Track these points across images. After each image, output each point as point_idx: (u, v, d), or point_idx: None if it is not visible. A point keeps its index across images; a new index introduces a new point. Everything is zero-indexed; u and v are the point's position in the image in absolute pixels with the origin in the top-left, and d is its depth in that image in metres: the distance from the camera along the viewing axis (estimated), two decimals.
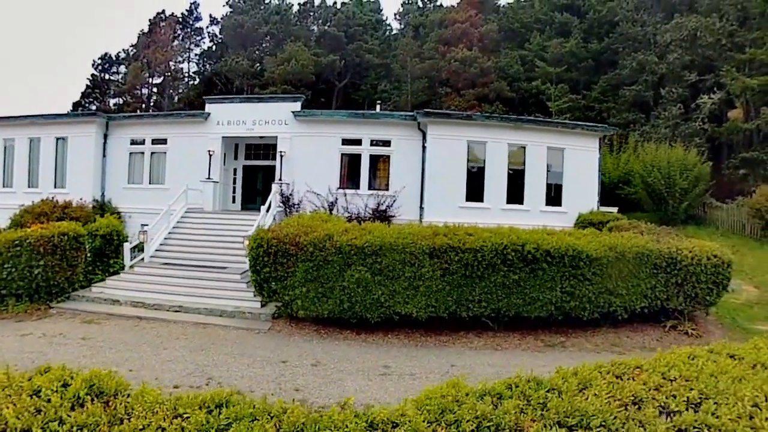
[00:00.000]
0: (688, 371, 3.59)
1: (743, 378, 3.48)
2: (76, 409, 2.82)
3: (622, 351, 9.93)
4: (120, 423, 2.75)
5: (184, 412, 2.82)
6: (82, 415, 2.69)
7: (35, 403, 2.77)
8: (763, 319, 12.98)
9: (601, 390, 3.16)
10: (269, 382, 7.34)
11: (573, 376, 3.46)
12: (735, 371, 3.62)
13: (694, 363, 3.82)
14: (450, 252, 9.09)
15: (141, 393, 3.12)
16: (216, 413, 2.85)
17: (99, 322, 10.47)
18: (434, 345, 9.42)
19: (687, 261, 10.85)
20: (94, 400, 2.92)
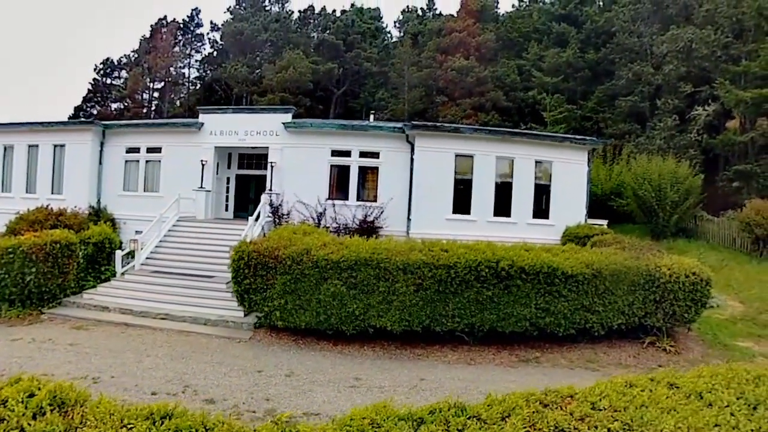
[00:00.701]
0: (619, 401, 3.77)
1: (673, 409, 3.66)
2: (37, 418, 3.18)
3: (596, 368, 10.09)
4: (75, 429, 3.13)
5: (129, 422, 3.19)
6: (42, 424, 3.06)
7: (1, 413, 3.14)
8: (745, 336, 13.13)
9: (522, 419, 3.43)
10: (242, 391, 7.70)
11: (499, 404, 3.70)
12: (667, 402, 3.82)
13: (628, 393, 4.00)
14: (424, 268, 9.43)
15: (97, 404, 3.48)
16: (158, 424, 3.22)
17: (88, 328, 10.86)
18: (408, 358, 9.74)
19: (665, 278, 10.92)
20: (54, 411, 3.28)
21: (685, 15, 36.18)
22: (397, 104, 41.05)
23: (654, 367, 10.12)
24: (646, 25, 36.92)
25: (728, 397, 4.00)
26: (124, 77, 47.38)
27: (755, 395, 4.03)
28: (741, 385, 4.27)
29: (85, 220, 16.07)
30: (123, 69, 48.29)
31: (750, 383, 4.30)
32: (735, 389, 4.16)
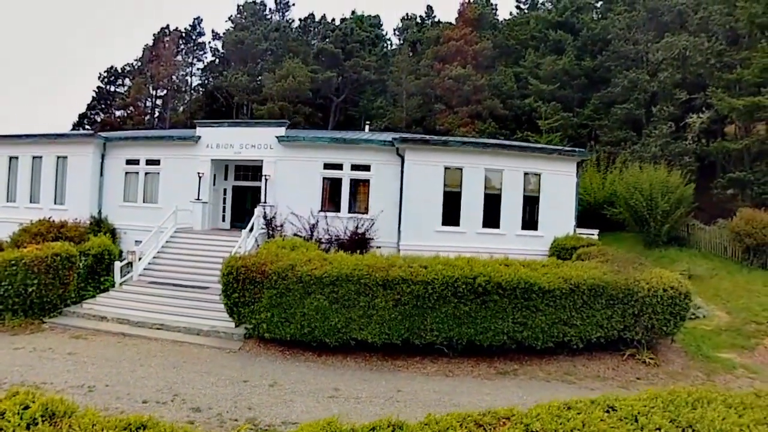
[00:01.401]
0: (551, 424, 4.12)
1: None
2: (31, 428, 3.71)
3: (573, 380, 10.38)
4: None
5: (103, 430, 3.72)
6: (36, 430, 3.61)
7: (1, 423, 3.69)
8: (728, 347, 13.30)
9: None
10: (227, 400, 8.24)
11: (435, 423, 4.12)
12: (600, 425, 4.08)
13: (563, 415, 4.33)
14: (402, 284, 9.93)
15: (83, 415, 4.01)
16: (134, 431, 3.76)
17: (86, 337, 11.43)
18: (389, 369, 10.23)
19: (644, 293, 11.06)
20: (45, 421, 3.82)
21: (680, 22, 36.38)
22: (395, 112, 41.57)
23: (632, 380, 10.54)
24: (641, 33, 36.94)
25: (661, 421, 4.29)
26: (127, 85, 48.21)
27: (688, 419, 4.35)
28: (678, 408, 4.57)
29: (85, 231, 16.67)
30: (126, 77, 49.14)
31: (687, 406, 4.63)
32: (671, 413, 4.45)
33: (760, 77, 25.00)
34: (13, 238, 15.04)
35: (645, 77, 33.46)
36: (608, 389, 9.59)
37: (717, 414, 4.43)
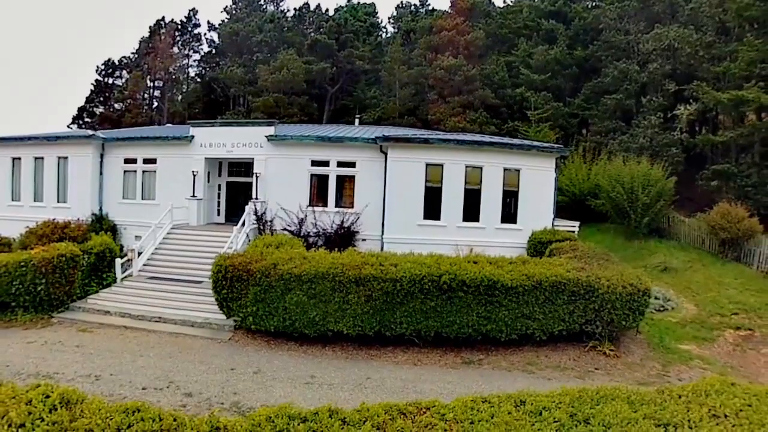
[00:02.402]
0: (463, 414, 5.04)
1: (508, 423, 4.81)
2: (52, 412, 4.81)
3: (534, 370, 11.10)
4: (75, 421, 4.75)
5: (110, 415, 4.81)
6: (54, 416, 4.68)
7: (28, 408, 4.76)
8: (690, 339, 13.93)
9: (376, 423, 4.89)
10: (216, 386, 9.39)
11: (366, 411, 5.12)
12: (506, 417, 4.92)
13: (476, 407, 5.20)
14: (373, 281, 10.97)
15: (91, 402, 5.10)
16: (130, 415, 4.83)
17: (92, 331, 12.54)
18: (363, 358, 11.30)
19: (603, 289, 11.66)
20: (62, 407, 4.90)
21: (672, 12, 36.60)
22: (388, 102, 42.26)
23: (591, 371, 11.32)
24: (632, 23, 37.02)
25: (562, 415, 5.06)
26: (125, 77, 48.90)
27: (586, 414, 5.11)
28: (582, 404, 5.31)
29: (87, 229, 17.74)
30: (124, 69, 49.80)
31: (590, 402, 5.43)
32: (574, 408, 5.21)
33: (746, 70, 25.19)
34: (21, 240, 16.16)
35: (635, 68, 33.60)
36: (566, 379, 10.54)
37: (614, 409, 5.20)
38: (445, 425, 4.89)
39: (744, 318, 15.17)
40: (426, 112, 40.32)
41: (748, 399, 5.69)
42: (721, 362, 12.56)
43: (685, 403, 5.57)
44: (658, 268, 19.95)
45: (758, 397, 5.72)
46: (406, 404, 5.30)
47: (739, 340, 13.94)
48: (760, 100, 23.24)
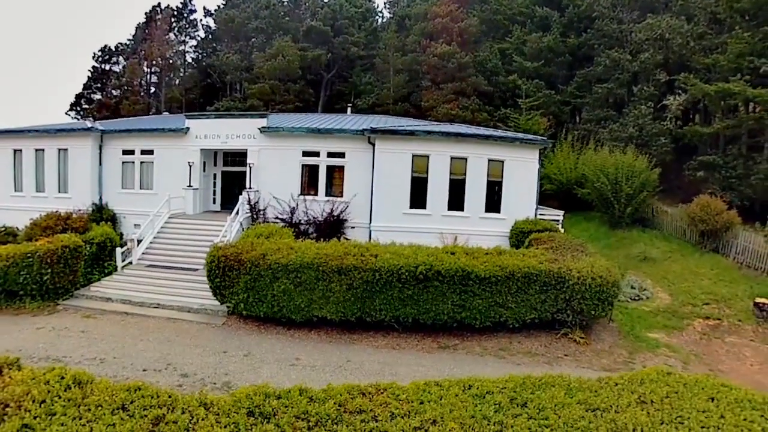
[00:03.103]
0: (414, 395, 5.80)
1: (453, 404, 5.57)
2: (66, 390, 5.67)
3: (505, 356, 11.80)
4: (86, 398, 5.62)
5: (115, 393, 5.69)
6: (68, 394, 5.55)
7: (47, 387, 5.62)
8: (661, 328, 14.53)
9: (338, 402, 5.55)
10: (209, 367, 10.33)
11: (331, 390, 5.94)
12: (453, 398, 5.69)
13: (427, 389, 6.00)
14: (354, 271, 11.84)
15: (99, 382, 5.97)
16: (132, 393, 5.71)
17: (95, 317, 13.45)
18: (345, 342, 12.21)
19: (574, 280, 12.27)
20: (75, 386, 5.76)
21: (665, 2, 36.31)
22: (382, 89, 42.62)
23: (560, 357, 12.07)
24: (626, 12, 36.90)
25: (503, 398, 5.78)
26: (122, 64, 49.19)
27: (524, 398, 5.80)
28: (523, 390, 5.99)
29: (88, 219, 18.60)
30: (121, 55, 50.06)
31: (531, 388, 6.06)
32: (515, 393, 5.91)
33: (735, 62, 25.18)
34: (26, 232, 17.02)
35: (627, 57, 33.49)
36: (534, 364, 11.36)
37: (550, 395, 5.87)
38: (398, 404, 5.74)
39: (714, 308, 15.77)
40: (419, 98, 40.72)
41: (676, 387, 6.32)
42: (686, 350, 13.17)
43: (618, 390, 6.21)
44: (638, 257, 20.60)
45: (687, 386, 6.38)
46: (367, 385, 6.15)
47: (706, 329, 14.58)
48: (745, 93, 23.36)
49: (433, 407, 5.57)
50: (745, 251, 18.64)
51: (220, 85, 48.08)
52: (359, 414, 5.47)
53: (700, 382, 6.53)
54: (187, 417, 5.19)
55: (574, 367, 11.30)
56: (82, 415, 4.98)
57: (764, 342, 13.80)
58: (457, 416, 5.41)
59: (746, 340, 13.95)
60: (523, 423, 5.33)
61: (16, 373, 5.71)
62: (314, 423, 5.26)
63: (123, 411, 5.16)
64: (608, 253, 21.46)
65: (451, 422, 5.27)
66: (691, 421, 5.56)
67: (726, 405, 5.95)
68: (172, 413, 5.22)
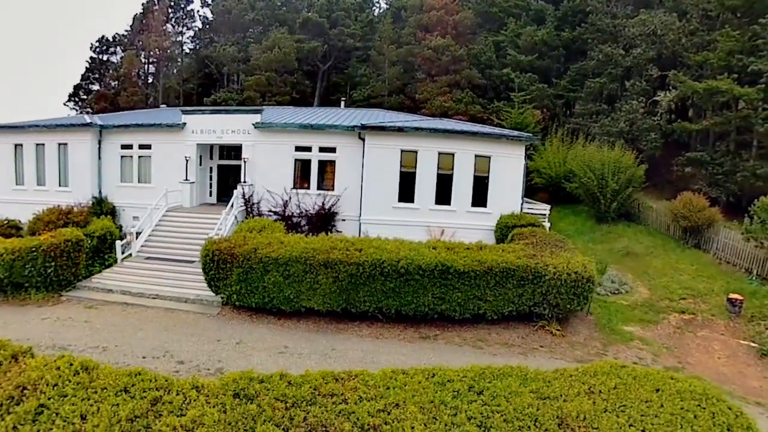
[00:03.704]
0: (381, 381, 6.40)
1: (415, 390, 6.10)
2: (75, 375, 6.41)
3: (482, 346, 12.33)
4: (93, 382, 6.39)
5: (118, 377, 6.47)
6: (77, 378, 6.31)
7: (59, 372, 6.38)
8: (637, 321, 14.93)
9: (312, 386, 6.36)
10: (204, 354, 11.12)
11: (307, 375, 6.80)
12: (416, 384, 6.24)
13: (393, 376, 6.57)
14: (339, 264, 12.57)
15: (104, 368, 6.74)
16: (133, 377, 6.48)
17: (97, 307, 14.17)
18: (332, 331, 12.96)
19: (550, 276, 12.73)
20: (83, 372, 6.50)
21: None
22: (377, 81, 43.06)
23: (535, 348, 12.60)
24: (620, 7, 36.93)
25: (461, 386, 6.28)
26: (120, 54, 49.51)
27: (481, 386, 6.31)
28: (481, 379, 6.50)
29: (88, 213, 19.35)
30: (118, 46, 50.34)
31: (488, 377, 6.56)
32: (474, 381, 6.44)
33: (725, 60, 25.39)
34: (30, 226, 17.75)
35: (620, 52, 33.59)
36: (510, 355, 11.96)
37: (506, 384, 6.35)
38: (366, 389, 6.47)
39: (690, 302, 16.20)
40: (414, 90, 41.19)
41: (626, 379, 6.75)
42: (659, 343, 13.63)
43: (570, 381, 6.66)
44: (620, 252, 21.12)
45: (636, 378, 6.81)
46: (340, 372, 6.88)
47: (681, 324, 14.97)
48: (733, 91, 23.62)
49: (397, 392, 6.26)
50: (725, 248, 19.14)
51: (218, 76, 48.49)
52: (331, 397, 6.21)
53: (649, 375, 7.01)
54: (181, 398, 5.93)
55: (548, 358, 11.90)
56: (90, 397, 5.73)
57: (733, 336, 14.23)
58: (417, 401, 6.07)
59: (717, 334, 14.39)
60: (476, 408, 5.94)
61: (30, 360, 6.48)
62: (291, 404, 6.00)
63: (125, 393, 5.90)
64: (593, 247, 22.15)
65: (411, 406, 5.95)
66: (632, 409, 6.05)
67: (668, 396, 6.43)
68: (168, 395, 5.96)
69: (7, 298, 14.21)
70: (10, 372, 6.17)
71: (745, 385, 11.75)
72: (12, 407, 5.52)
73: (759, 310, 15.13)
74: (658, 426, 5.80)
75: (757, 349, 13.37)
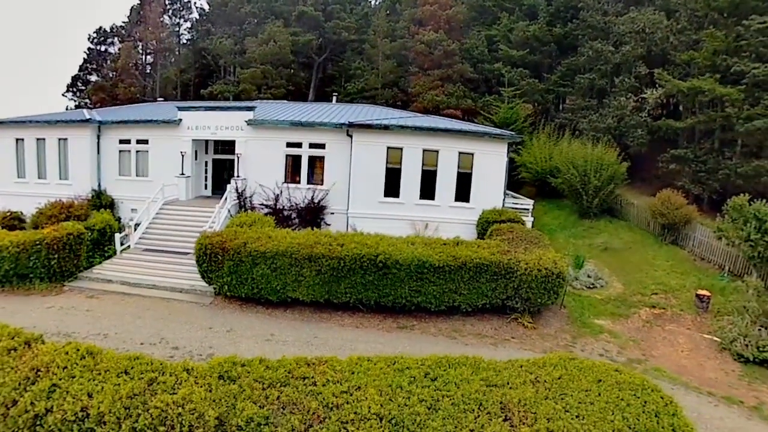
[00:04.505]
0: (346, 366, 7.18)
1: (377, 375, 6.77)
2: (82, 359, 7.37)
3: (456, 336, 13.09)
4: (98, 364, 7.35)
5: (119, 360, 7.44)
6: (84, 361, 7.27)
7: (67, 357, 7.32)
8: (608, 315, 15.50)
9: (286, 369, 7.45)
10: (196, 341, 12.10)
11: (282, 361, 7.82)
12: (378, 371, 6.87)
13: (358, 363, 7.43)
14: (322, 258, 13.51)
15: (107, 353, 7.72)
16: (132, 360, 7.46)
17: (98, 297, 15.10)
18: (315, 320, 13.91)
19: (521, 271, 13.42)
20: (89, 356, 7.47)
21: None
22: (371, 74, 43.68)
23: (507, 339, 13.32)
24: (610, 4, 37.32)
25: (417, 372, 6.94)
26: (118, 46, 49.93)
27: (435, 374, 6.90)
28: (438, 367, 7.19)
29: (88, 206, 20.26)
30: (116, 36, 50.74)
31: (443, 366, 7.23)
32: (431, 369, 7.13)
33: (710, 60, 25.76)
34: (33, 220, 18.69)
35: (609, 48, 33.96)
36: (481, 345, 12.72)
37: (459, 372, 7.04)
38: (333, 373, 7.37)
39: (662, 297, 16.78)
40: (407, 84, 41.89)
41: (572, 371, 7.31)
42: (626, 336, 14.19)
43: (519, 371, 7.24)
44: (600, 247, 21.79)
45: (582, 370, 7.39)
46: (313, 358, 7.79)
47: (650, 318, 15.51)
48: (715, 91, 24.04)
49: (360, 377, 7.11)
50: (701, 245, 19.75)
51: (215, 68, 49.01)
52: (303, 379, 7.14)
53: (594, 367, 7.57)
54: (173, 379, 6.87)
55: (517, 349, 12.65)
56: (95, 378, 6.69)
57: (699, 330, 14.82)
58: (377, 384, 6.88)
59: (683, 329, 14.93)
60: (428, 392, 6.52)
61: (42, 346, 7.47)
62: (267, 385, 6.96)
63: (125, 374, 6.84)
64: (574, 242, 22.87)
65: (371, 389, 6.79)
66: (571, 398, 6.61)
67: (608, 386, 6.99)
68: (162, 376, 6.90)
69: (13, 288, 15.12)
70: (25, 356, 7.14)
71: (702, 376, 12.38)
72: (28, 386, 6.49)
73: (724, 306, 15.71)
74: (592, 412, 6.35)
75: (718, 343, 13.95)
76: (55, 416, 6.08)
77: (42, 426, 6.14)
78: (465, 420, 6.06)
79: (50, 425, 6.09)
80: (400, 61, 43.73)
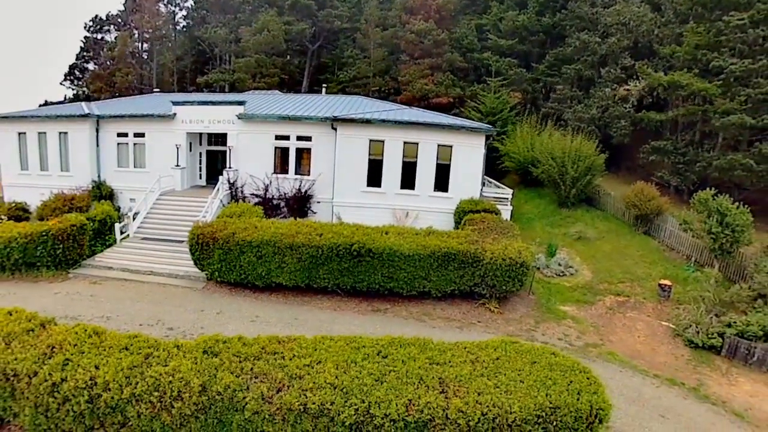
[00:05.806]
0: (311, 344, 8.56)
1: (326, 350, 8.55)
2: (90, 338, 8.77)
3: (425, 319, 14.18)
4: (103, 342, 8.75)
5: (119, 339, 8.82)
6: (91, 340, 8.66)
7: (77, 336, 8.70)
8: (574, 302, 16.16)
9: (260, 348, 9.01)
10: (189, 323, 13.51)
11: (258, 339, 9.29)
12: (336, 348, 8.38)
13: (321, 341, 8.65)
14: (302, 247, 14.85)
15: (111, 332, 9.13)
16: (132, 339, 8.86)
17: (100, 283, 16.44)
18: (297, 303, 15.27)
19: (487, 260, 14.36)
20: (95, 336, 8.87)
21: None
22: (362, 63, 44.47)
23: (473, 323, 14.32)
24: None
25: (370, 351, 8.05)
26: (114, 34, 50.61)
27: (386, 352, 8.06)
28: (390, 346, 8.27)
29: (89, 197, 21.59)
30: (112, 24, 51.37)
31: (396, 345, 8.30)
32: (383, 348, 8.18)
33: (691, 54, 26.35)
34: (38, 212, 20.06)
35: (596, 39, 34.34)
36: (448, 328, 13.81)
37: (407, 351, 8.15)
38: (299, 350, 8.62)
39: (627, 286, 17.54)
40: (397, 72, 42.65)
41: (510, 353, 8.25)
42: (588, 322, 14.93)
43: (463, 352, 8.24)
44: (574, 236, 22.58)
45: (520, 352, 8.32)
46: (284, 336, 9.17)
47: (614, 305, 16.28)
48: (693, 86, 24.62)
49: (321, 353, 8.37)
50: (671, 235, 20.53)
51: (210, 55, 49.75)
52: (273, 354, 8.49)
53: (532, 350, 8.49)
54: (165, 354, 8.25)
55: (481, 332, 13.66)
56: (101, 353, 8.09)
57: (658, 318, 15.60)
58: (335, 360, 8.11)
59: (644, 316, 15.70)
60: (377, 367, 7.64)
61: (55, 327, 8.89)
62: (243, 359, 8.34)
63: (126, 350, 8.23)
64: (550, 230, 23.78)
65: (329, 363, 8.05)
66: (504, 376, 7.55)
67: (540, 367, 7.87)
68: (157, 351, 8.28)
69: (22, 276, 16.51)
70: (41, 336, 8.56)
71: (654, 360, 13.24)
72: (46, 360, 7.89)
73: (684, 295, 16.51)
74: (519, 388, 7.27)
75: (672, 330, 14.79)
76: (69, 384, 7.52)
77: (58, 392, 7.60)
78: (405, 391, 7.20)
79: (65, 392, 7.55)
80: (392, 49, 44.43)
